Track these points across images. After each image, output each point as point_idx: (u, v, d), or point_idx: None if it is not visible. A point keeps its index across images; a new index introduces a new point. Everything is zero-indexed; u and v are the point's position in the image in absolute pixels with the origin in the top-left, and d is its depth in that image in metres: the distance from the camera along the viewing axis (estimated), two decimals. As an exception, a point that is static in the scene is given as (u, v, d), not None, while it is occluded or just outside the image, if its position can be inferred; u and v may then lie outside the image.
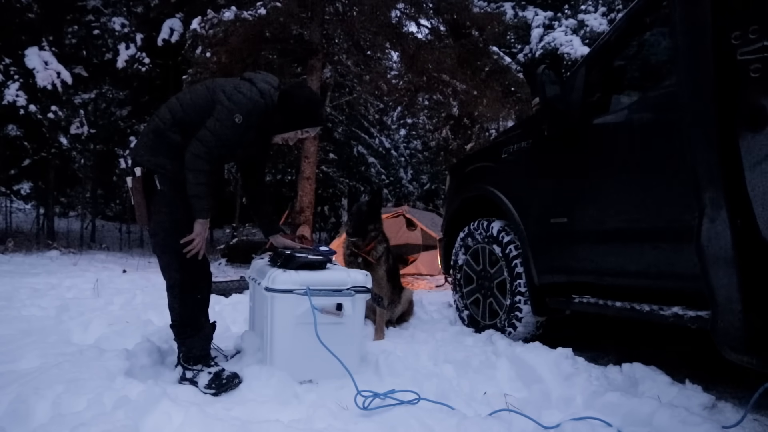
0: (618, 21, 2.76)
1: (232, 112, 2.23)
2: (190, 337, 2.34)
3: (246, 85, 2.33)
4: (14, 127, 10.18)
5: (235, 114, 2.23)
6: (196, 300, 2.39)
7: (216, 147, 2.23)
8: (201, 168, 2.21)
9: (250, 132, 2.34)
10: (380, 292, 3.49)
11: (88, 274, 6.01)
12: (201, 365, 2.30)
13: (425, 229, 7.70)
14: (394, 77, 9.19)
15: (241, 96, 2.27)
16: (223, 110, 2.24)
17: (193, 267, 2.34)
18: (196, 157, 2.20)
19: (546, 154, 3.05)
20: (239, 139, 2.31)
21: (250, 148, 2.50)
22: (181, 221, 2.28)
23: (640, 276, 2.49)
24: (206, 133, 2.22)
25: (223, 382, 2.22)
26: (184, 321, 2.35)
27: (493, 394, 2.26)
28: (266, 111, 2.34)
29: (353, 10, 8.17)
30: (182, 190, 2.25)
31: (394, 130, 17.25)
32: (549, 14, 11.65)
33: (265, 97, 2.33)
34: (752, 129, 1.72)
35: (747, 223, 1.73)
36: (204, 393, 2.19)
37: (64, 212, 15.56)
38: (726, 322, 1.78)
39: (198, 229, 2.28)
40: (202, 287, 2.43)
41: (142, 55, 10.24)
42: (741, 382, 2.28)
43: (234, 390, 2.22)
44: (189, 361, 2.32)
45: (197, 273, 2.38)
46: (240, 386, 2.24)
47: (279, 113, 2.39)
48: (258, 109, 2.30)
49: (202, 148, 2.20)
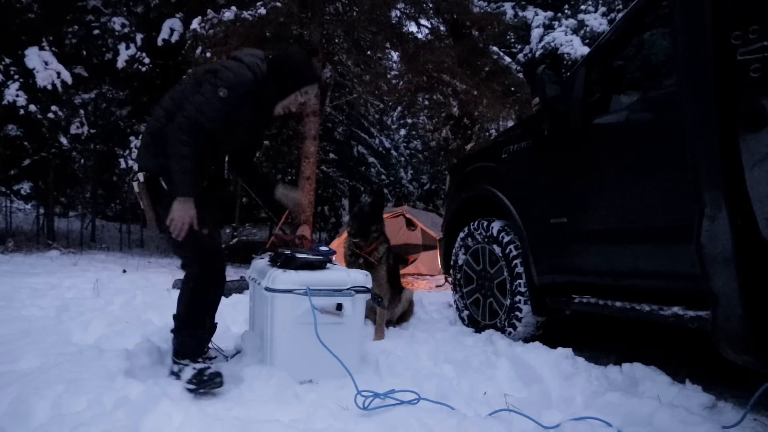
0: (618, 21, 2.76)
1: (216, 87, 2.19)
2: (187, 332, 2.33)
3: (232, 63, 2.30)
4: (14, 127, 10.18)
5: (220, 88, 2.18)
6: (207, 300, 2.39)
7: (200, 121, 2.17)
8: (183, 142, 2.14)
9: (243, 107, 2.29)
10: (381, 292, 3.49)
11: (88, 274, 6.01)
12: (188, 360, 2.26)
13: (425, 229, 7.71)
14: (394, 77, 9.20)
15: (227, 71, 2.24)
16: (208, 86, 2.21)
17: (211, 266, 2.33)
18: (180, 131, 2.15)
19: (546, 154, 3.05)
20: (227, 114, 2.24)
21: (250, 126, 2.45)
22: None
23: (640, 276, 2.49)
24: (190, 108, 2.18)
25: (204, 379, 2.17)
26: (189, 316, 2.34)
27: (493, 394, 2.26)
28: (257, 84, 2.30)
29: (353, 10, 8.17)
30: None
31: (394, 130, 17.26)
32: (549, 14, 11.63)
33: (253, 69, 2.29)
34: (752, 129, 1.71)
35: (747, 223, 1.73)
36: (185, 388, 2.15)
37: (64, 212, 15.55)
38: (726, 322, 1.78)
39: (177, 209, 2.17)
40: (216, 289, 2.41)
41: (142, 55, 10.24)
42: (741, 382, 2.28)
43: (217, 389, 2.18)
44: (178, 355, 2.31)
45: (215, 272, 2.36)
46: (241, 386, 2.23)
47: (272, 82, 2.35)
48: (247, 83, 2.26)
49: (185, 122, 2.16)
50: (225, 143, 2.43)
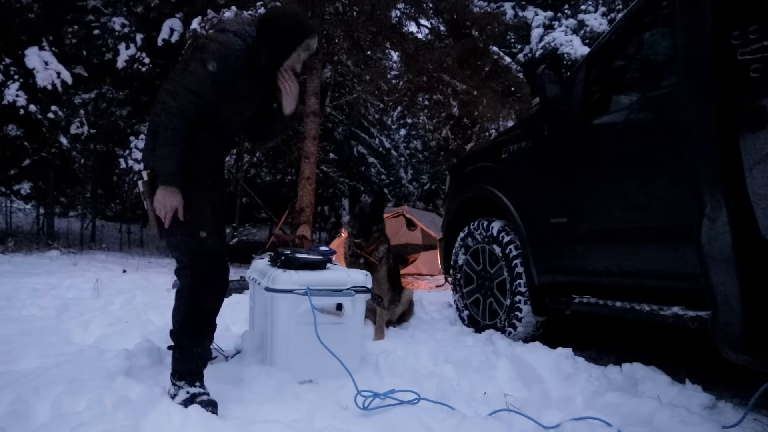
0: (618, 21, 2.76)
1: (204, 61, 1.98)
2: (184, 351, 2.07)
3: (218, 35, 2.07)
4: (14, 127, 10.16)
5: (209, 62, 1.97)
6: (205, 313, 2.12)
7: (188, 100, 1.97)
8: (169, 126, 1.96)
9: (238, 80, 2.07)
10: (381, 292, 3.49)
11: (88, 274, 6.01)
12: (184, 382, 2.03)
13: (425, 229, 7.70)
14: (394, 77, 9.21)
15: (213, 43, 2.02)
16: (196, 63, 2.01)
17: (207, 274, 2.07)
18: (167, 115, 1.97)
19: (546, 154, 3.05)
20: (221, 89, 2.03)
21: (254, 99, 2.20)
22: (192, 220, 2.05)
23: (640, 276, 2.49)
24: (177, 86, 2.00)
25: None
26: (185, 333, 2.08)
27: (493, 394, 2.26)
28: (249, 51, 2.06)
29: (353, 10, 8.18)
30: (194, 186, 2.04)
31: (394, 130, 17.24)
32: (549, 14, 11.65)
33: (242, 36, 2.05)
34: (752, 129, 1.72)
35: (747, 223, 1.73)
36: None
37: (64, 212, 15.54)
38: (726, 322, 1.78)
39: (158, 197, 1.97)
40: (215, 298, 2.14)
41: (142, 55, 10.23)
42: (741, 382, 2.28)
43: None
44: (174, 375, 2.07)
45: (212, 281, 2.10)
46: (241, 386, 2.23)
47: (265, 46, 2.09)
48: (237, 52, 2.03)
49: (172, 102, 1.97)
50: (230, 124, 2.19)
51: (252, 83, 2.14)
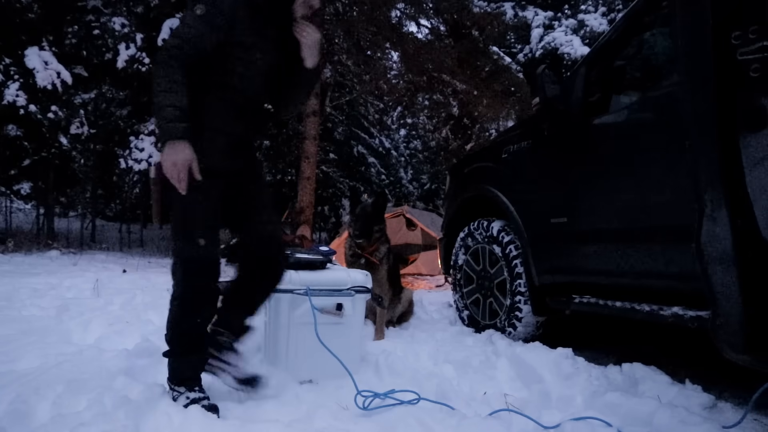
0: (618, 21, 2.76)
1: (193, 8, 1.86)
2: (179, 358, 2.02)
3: None
4: (14, 127, 10.17)
5: (196, 6, 1.85)
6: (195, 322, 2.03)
7: (181, 49, 1.83)
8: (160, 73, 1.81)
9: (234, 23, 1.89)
10: (381, 292, 3.49)
11: (88, 274, 6.01)
12: (183, 388, 1.97)
13: (425, 229, 7.71)
14: (394, 77, 9.21)
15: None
16: (187, 11, 1.90)
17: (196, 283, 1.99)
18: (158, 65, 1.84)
19: (546, 154, 3.05)
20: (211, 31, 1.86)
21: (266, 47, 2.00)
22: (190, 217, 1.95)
23: (640, 276, 2.49)
24: (170, 39, 1.87)
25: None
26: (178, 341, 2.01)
27: (493, 394, 2.25)
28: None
29: (353, 10, 8.18)
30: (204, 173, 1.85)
31: (394, 130, 17.26)
32: (549, 14, 11.65)
33: None
34: (752, 129, 1.72)
35: (747, 223, 1.73)
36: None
37: (64, 212, 15.56)
38: (726, 322, 1.78)
39: (166, 156, 1.77)
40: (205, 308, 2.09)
41: (142, 55, 10.22)
42: (741, 382, 2.28)
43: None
44: (172, 381, 2.01)
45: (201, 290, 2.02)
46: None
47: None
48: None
49: (164, 53, 1.84)
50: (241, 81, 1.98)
51: (254, 27, 1.94)
